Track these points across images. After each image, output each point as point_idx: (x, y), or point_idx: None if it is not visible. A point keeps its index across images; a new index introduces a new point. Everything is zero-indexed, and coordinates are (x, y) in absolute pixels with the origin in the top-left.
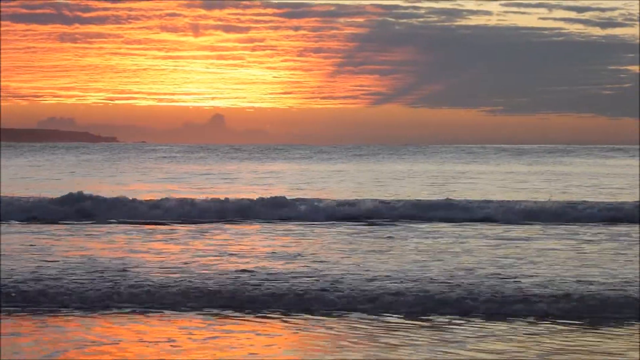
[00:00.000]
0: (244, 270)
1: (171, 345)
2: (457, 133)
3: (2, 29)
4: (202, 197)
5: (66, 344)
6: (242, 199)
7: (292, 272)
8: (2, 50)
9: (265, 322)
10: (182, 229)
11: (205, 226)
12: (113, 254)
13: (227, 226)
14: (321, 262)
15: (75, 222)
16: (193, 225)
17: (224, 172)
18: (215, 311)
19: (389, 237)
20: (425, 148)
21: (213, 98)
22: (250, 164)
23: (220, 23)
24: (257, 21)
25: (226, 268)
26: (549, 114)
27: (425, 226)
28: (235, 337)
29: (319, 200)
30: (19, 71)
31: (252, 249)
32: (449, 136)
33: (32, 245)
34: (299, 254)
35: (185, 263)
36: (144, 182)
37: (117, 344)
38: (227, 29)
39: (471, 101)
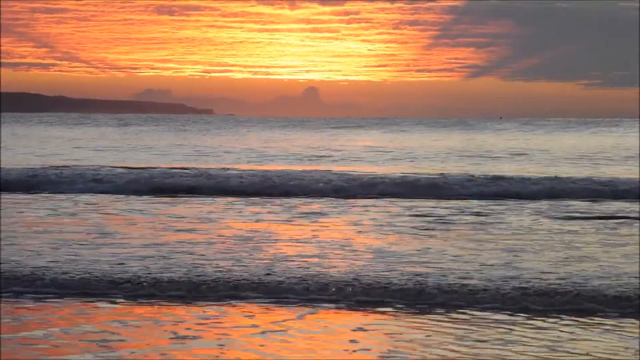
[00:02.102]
0: None
1: None
2: (553, 106)
3: (100, 0)
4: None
5: None
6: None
7: None
8: (99, 22)
9: None
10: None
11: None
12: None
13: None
14: None
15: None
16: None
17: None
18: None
19: None
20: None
21: (308, 71)
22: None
23: None
24: None
25: None
26: None
27: None
28: None
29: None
30: (117, 43)
31: None
32: (545, 110)
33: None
34: None
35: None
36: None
37: None
38: (323, 1)
39: (568, 74)
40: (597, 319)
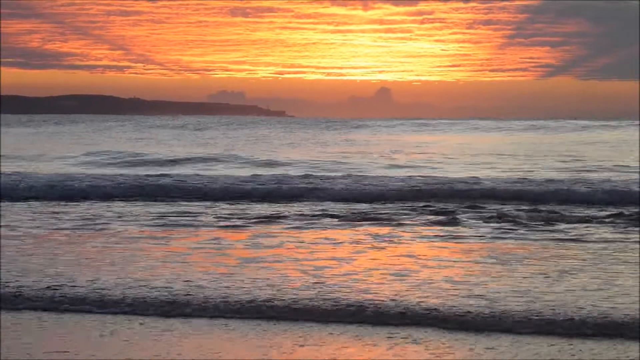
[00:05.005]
0: None
1: None
2: (629, 105)
3: (175, 2)
4: None
5: None
6: None
7: None
8: (174, 24)
9: None
10: None
11: None
12: None
13: None
14: None
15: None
16: None
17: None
18: None
19: None
20: None
21: (380, 71)
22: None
23: None
24: None
25: None
26: None
27: None
28: None
29: None
30: (191, 45)
31: None
32: (621, 109)
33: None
34: None
35: None
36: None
37: None
38: (396, 2)
39: None
40: None
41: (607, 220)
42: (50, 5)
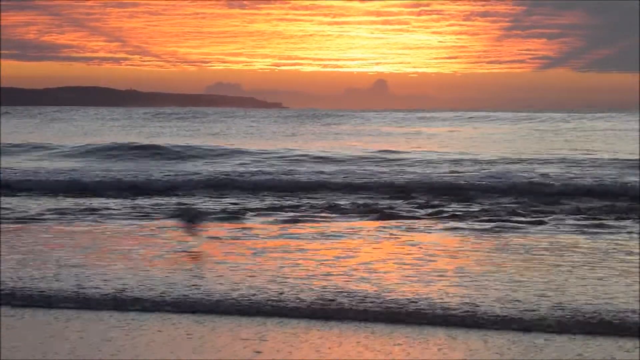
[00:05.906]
0: None
1: None
2: (627, 98)
3: None
4: None
5: None
6: None
7: None
8: (170, 16)
9: None
10: None
11: None
12: None
13: None
14: None
15: None
16: None
17: None
18: None
19: None
20: None
21: (377, 63)
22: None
23: None
24: None
25: None
26: None
27: None
28: None
29: None
30: (188, 37)
31: None
32: (619, 101)
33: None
34: None
35: None
36: None
37: None
38: None
39: None
40: None
41: (607, 211)
42: None
